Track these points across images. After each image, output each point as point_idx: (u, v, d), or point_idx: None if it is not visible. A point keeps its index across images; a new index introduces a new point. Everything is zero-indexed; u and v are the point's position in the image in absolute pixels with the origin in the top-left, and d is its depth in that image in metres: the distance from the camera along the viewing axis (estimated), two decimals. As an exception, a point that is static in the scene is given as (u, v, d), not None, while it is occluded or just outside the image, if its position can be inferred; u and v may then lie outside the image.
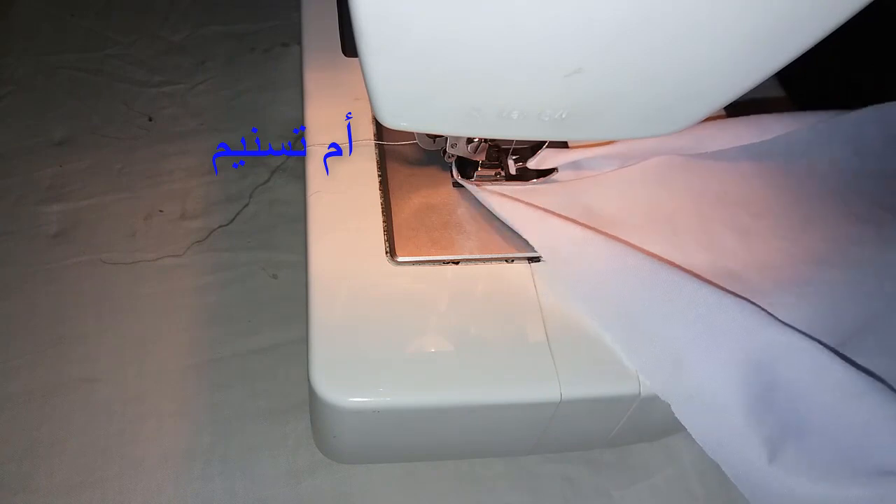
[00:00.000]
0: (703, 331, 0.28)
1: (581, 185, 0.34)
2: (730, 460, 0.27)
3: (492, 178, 0.34)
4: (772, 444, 0.27)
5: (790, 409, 0.28)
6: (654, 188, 0.34)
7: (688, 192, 0.34)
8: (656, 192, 0.34)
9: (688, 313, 0.28)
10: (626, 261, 0.30)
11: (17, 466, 0.34)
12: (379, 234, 0.32)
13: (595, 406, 0.30)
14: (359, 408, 0.28)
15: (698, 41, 0.22)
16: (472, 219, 0.33)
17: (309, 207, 0.33)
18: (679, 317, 0.28)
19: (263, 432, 0.35)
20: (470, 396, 0.28)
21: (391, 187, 0.34)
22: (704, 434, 0.28)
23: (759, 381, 0.28)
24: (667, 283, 0.29)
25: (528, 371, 0.29)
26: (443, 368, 0.29)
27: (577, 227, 0.31)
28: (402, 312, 0.30)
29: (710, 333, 0.28)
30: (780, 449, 0.27)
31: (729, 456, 0.27)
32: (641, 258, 0.30)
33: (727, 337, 0.28)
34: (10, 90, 0.49)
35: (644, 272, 0.29)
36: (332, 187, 0.34)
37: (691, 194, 0.34)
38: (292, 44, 0.54)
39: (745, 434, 0.27)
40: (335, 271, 0.31)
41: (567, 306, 0.31)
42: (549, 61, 0.22)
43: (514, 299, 0.31)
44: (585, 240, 0.31)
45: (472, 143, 0.32)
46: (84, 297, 0.39)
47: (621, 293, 0.29)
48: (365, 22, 0.21)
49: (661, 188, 0.35)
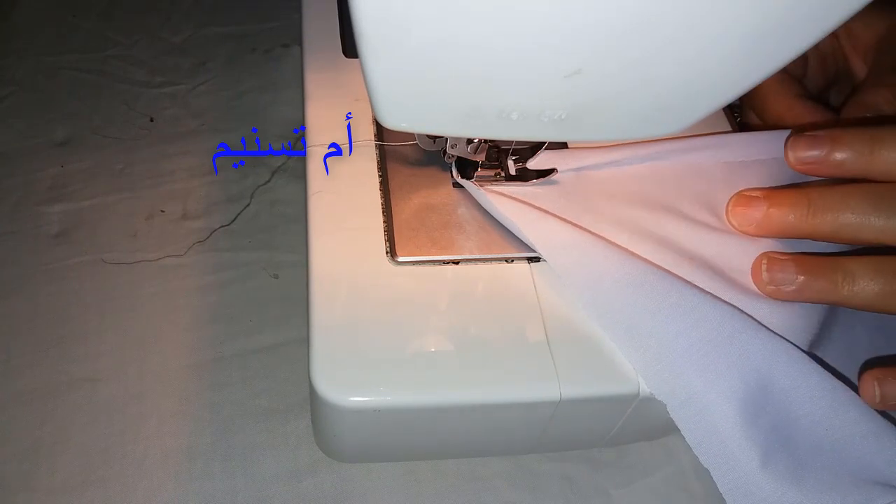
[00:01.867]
0: (700, 338, 0.28)
1: (580, 185, 0.35)
2: (722, 465, 0.28)
3: (492, 179, 0.34)
4: (764, 450, 0.27)
5: (784, 417, 0.28)
6: (656, 190, 0.35)
7: (690, 195, 0.34)
8: (657, 194, 0.34)
9: (686, 319, 0.28)
10: (625, 265, 0.30)
11: (18, 465, 0.34)
12: (379, 233, 0.32)
13: (594, 406, 0.30)
14: (359, 407, 0.28)
15: (698, 41, 0.22)
16: (473, 219, 0.34)
17: (309, 207, 0.33)
18: (676, 323, 0.28)
19: (264, 431, 0.35)
20: (470, 396, 0.29)
21: (391, 187, 0.34)
22: (698, 437, 0.28)
23: (756, 388, 0.28)
24: (664, 288, 0.29)
25: (527, 371, 0.29)
26: (443, 368, 0.29)
27: (577, 230, 0.31)
28: (402, 312, 0.30)
29: (709, 341, 0.28)
30: (772, 456, 0.27)
31: (721, 461, 0.28)
32: (639, 263, 0.30)
33: (726, 344, 0.28)
34: (11, 90, 0.49)
35: (641, 277, 0.29)
36: (332, 187, 0.34)
37: (693, 198, 0.34)
38: (293, 45, 0.54)
39: (740, 439, 0.27)
40: (336, 271, 0.31)
41: (567, 306, 0.31)
42: (548, 62, 0.22)
43: (514, 299, 0.31)
44: (586, 242, 0.31)
45: (471, 143, 0.32)
46: (85, 296, 0.40)
47: (619, 297, 0.29)
48: (365, 23, 0.21)
49: (664, 190, 0.35)
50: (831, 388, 0.28)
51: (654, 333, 0.28)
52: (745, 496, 0.27)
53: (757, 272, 0.31)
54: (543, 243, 0.31)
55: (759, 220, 0.31)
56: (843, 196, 0.29)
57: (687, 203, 0.34)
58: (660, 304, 0.29)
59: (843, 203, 0.29)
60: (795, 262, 0.30)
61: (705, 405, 0.27)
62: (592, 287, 0.30)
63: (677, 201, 0.34)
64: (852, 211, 0.29)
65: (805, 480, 0.27)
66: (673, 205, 0.34)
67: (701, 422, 0.28)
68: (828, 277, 0.29)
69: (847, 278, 0.29)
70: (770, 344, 0.28)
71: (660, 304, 0.29)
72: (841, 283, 0.29)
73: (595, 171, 0.35)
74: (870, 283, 0.28)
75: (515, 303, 0.31)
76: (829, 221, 0.29)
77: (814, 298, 0.30)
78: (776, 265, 0.30)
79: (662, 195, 0.34)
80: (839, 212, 0.29)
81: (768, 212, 0.31)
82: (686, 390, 0.28)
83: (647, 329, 0.28)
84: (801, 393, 0.28)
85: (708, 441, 0.28)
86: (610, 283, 0.29)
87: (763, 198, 0.31)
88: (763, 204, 0.31)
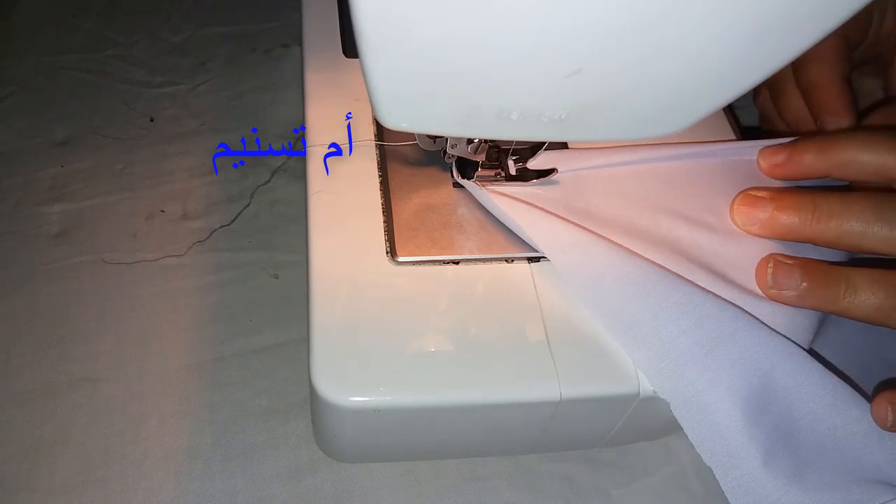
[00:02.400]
0: (703, 336, 0.28)
1: (580, 185, 0.35)
2: (724, 464, 0.28)
3: (492, 179, 0.34)
4: (766, 448, 0.27)
5: (786, 416, 0.28)
6: (656, 190, 0.35)
7: (691, 195, 0.34)
8: (657, 194, 0.34)
9: (688, 317, 0.28)
10: (626, 264, 0.30)
11: (18, 465, 0.34)
12: (379, 233, 0.32)
13: (594, 406, 0.30)
14: (359, 407, 0.28)
15: (698, 41, 0.22)
16: (473, 219, 0.34)
17: (309, 207, 0.33)
18: (679, 321, 0.28)
19: (264, 431, 0.35)
20: (470, 396, 0.29)
21: (392, 187, 0.34)
22: (701, 435, 0.28)
23: (759, 386, 0.28)
24: (666, 287, 0.29)
25: (527, 371, 0.29)
26: (443, 368, 0.29)
27: (578, 229, 0.31)
28: (402, 312, 0.30)
29: (711, 339, 0.28)
30: (774, 454, 0.27)
31: (724, 459, 0.28)
32: (641, 262, 0.30)
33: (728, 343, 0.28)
34: (11, 91, 0.49)
35: (643, 277, 0.29)
36: (332, 187, 0.34)
37: (694, 198, 0.34)
38: (293, 44, 0.54)
39: (742, 438, 0.27)
40: (336, 271, 0.31)
41: (567, 306, 0.31)
42: (548, 62, 0.22)
43: (514, 299, 0.31)
44: (587, 242, 0.31)
45: (471, 143, 0.32)
46: (85, 296, 0.40)
47: (621, 296, 0.29)
48: (365, 23, 0.21)
49: (663, 189, 0.35)
50: (833, 387, 0.28)
51: (656, 332, 0.28)
52: (746, 493, 0.27)
53: (762, 274, 0.31)
54: (545, 242, 0.31)
55: (763, 221, 0.32)
56: (848, 203, 0.29)
57: (687, 203, 0.34)
58: (662, 302, 0.29)
59: (847, 210, 0.29)
60: (801, 269, 0.30)
61: (708, 403, 0.27)
62: (594, 286, 0.30)
63: (677, 201, 0.34)
64: (857, 219, 0.29)
65: (807, 478, 0.27)
66: (673, 205, 0.34)
67: (704, 420, 0.28)
68: (831, 287, 0.29)
69: (849, 290, 0.29)
70: (772, 343, 0.28)
71: (662, 303, 0.29)
72: (843, 295, 0.29)
73: (595, 171, 0.35)
74: (871, 296, 0.28)
75: (515, 303, 0.31)
76: (832, 228, 0.29)
77: (814, 306, 0.30)
78: (782, 269, 0.30)
79: (662, 195, 0.34)
80: (843, 219, 0.29)
81: (773, 213, 0.31)
82: (689, 388, 0.28)
83: (650, 328, 0.28)
84: (804, 391, 0.28)
85: (710, 439, 0.28)
86: (611, 282, 0.29)
87: (769, 199, 0.32)
88: (768, 205, 0.31)
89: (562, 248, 0.31)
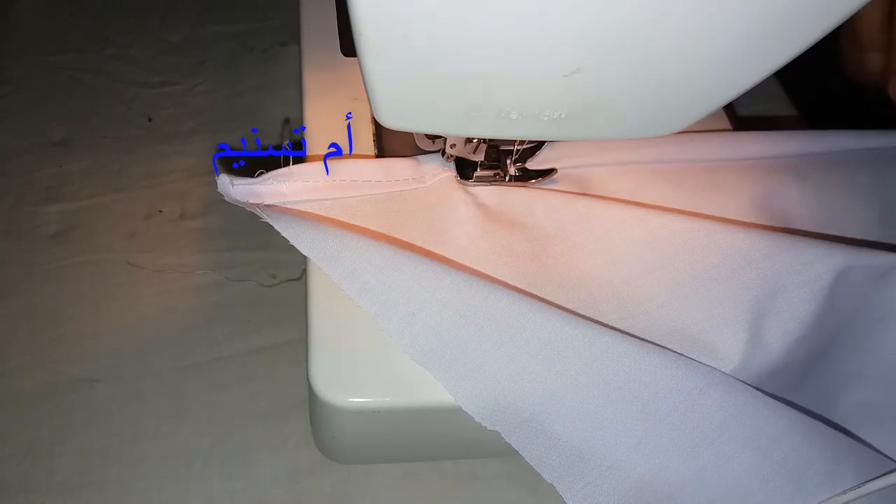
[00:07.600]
0: (531, 358, 0.27)
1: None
2: (566, 478, 0.27)
3: (491, 179, 0.34)
4: (616, 457, 0.27)
5: (642, 420, 0.27)
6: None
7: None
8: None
9: (513, 340, 0.27)
10: (441, 290, 0.28)
11: (16, 466, 0.34)
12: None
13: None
14: (358, 408, 0.28)
15: (698, 40, 0.22)
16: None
17: (308, 207, 0.33)
18: (504, 346, 0.28)
19: (263, 432, 0.35)
20: (469, 396, 0.28)
21: (390, 187, 0.34)
22: (539, 457, 0.28)
23: (603, 395, 0.27)
24: (484, 312, 0.28)
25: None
26: (442, 368, 0.28)
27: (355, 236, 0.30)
28: (401, 312, 0.30)
29: (539, 360, 0.27)
30: (625, 462, 0.27)
31: (564, 470, 0.27)
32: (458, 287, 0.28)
33: (567, 361, 0.27)
34: (8, 90, 0.49)
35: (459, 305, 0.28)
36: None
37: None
38: (291, 43, 0.54)
39: (582, 450, 0.27)
40: (334, 271, 0.31)
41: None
42: (547, 62, 0.22)
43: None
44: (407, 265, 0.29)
45: (471, 143, 0.32)
46: (83, 297, 0.39)
47: (438, 330, 0.28)
48: (363, 22, 0.21)
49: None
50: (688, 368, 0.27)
51: (483, 363, 0.27)
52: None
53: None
54: (316, 252, 0.29)
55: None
56: None
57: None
58: (480, 328, 0.27)
59: None
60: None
61: (542, 423, 0.27)
62: (409, 321, 0.28)
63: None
64: None
65: (669, 482, 0.27)
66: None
67: (537, 440, 0.27)
68: None
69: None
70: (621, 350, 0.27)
71: (482, 330, 0.27)
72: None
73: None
74: None
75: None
76: None
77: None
78: None
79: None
80: None
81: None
82: (519, 414, 0.27)
83: (476, 359, 0.27)
84: (632, 376, 0.27)
85: (548, 456, 0.27)
86: (427, 314, 0.28)
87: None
88: None
89: (332, 256, 0.29)
